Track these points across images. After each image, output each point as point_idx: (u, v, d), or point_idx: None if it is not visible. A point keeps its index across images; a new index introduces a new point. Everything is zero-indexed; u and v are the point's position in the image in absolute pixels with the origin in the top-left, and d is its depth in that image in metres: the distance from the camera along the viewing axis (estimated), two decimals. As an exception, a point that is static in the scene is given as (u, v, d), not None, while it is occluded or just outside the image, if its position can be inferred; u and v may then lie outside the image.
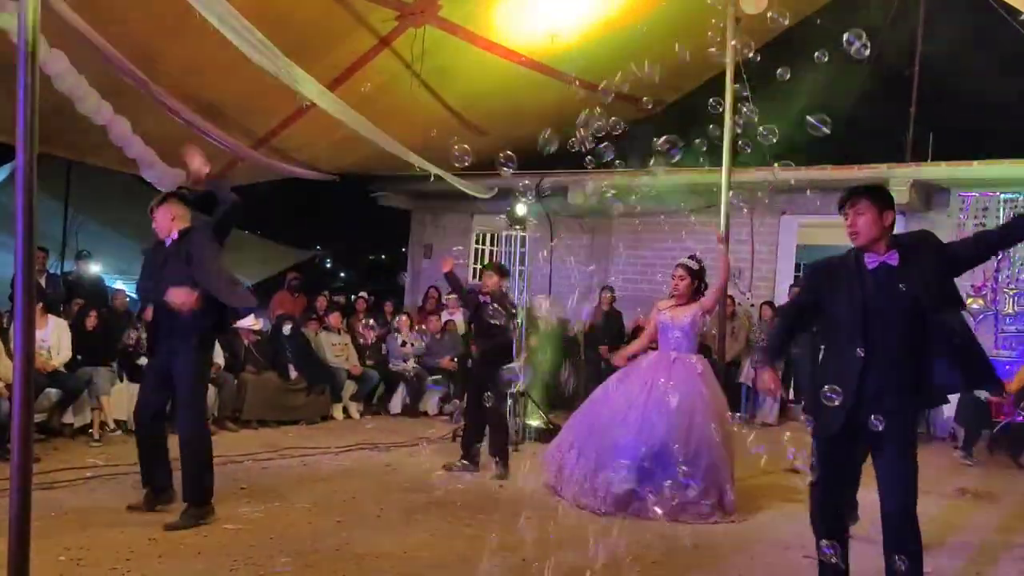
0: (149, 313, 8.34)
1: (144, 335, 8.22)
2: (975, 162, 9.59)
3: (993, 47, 9.26)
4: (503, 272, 7.40)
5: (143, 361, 8.07)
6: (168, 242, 5.24)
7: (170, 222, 5.25)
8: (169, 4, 6.76)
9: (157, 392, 5.27)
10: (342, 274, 23.92)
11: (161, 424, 5.30)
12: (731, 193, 7.34)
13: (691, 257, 6.34)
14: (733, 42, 7.21)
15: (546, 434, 8.05)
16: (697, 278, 6.18)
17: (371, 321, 10.53)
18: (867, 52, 4.65)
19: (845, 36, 4.65)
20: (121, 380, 7.93)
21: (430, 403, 10.24)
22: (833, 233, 13.20)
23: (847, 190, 3.78)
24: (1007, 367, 9.00)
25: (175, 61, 8.02)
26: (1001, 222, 9.74)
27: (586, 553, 4.81)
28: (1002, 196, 9.83)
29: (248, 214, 5.51)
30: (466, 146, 5.64)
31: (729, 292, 9.01)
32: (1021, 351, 9.55)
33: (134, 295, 9.18)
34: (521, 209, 9.41)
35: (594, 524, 5.29)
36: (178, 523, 4.91)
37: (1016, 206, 9.79)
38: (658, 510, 5.48)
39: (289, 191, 13.11)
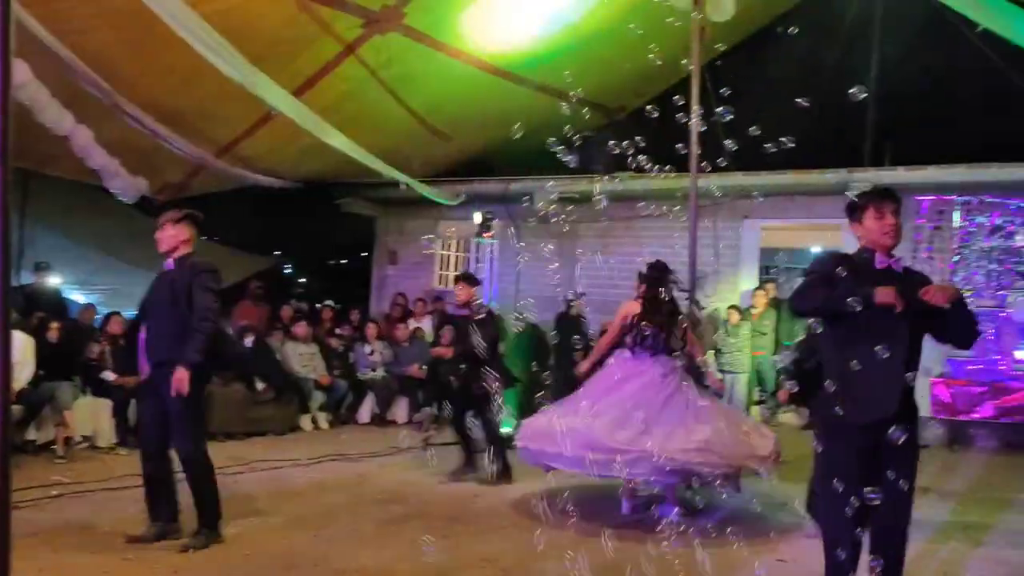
0: (115, 326, 8.21)
1: (108, 348, 8.10)
2: (931, 167, 9.82)
3: (950, 56, 9.50)
4: (474, 282, 7.37)
5: (108, 375, 7.94)
6: (167, 266, 5.02)
7: (177, 243, 4.99)
8: (133, 13, 6.65)
9: (156, 417, 4.97)
10: (302, 280, 23.70)
11: (167, 453, 5.00)
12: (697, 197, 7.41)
13: (653, 263, 6.32)
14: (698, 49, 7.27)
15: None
16: (644, 283, 6.16)
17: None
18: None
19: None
20: (84, 394, 7.78)
21: (399, 412, 10.19)
22: (794, 236, 13.52)
23: (883, 188, 3.73)
24: (966, 367, 9.24)
25: (138, 70, 7.90)
26: (956, 225, 10.06)
27: (566, 562, 4.83)
28: (958, 199, 10.07)
29: (209, 221, 5.36)
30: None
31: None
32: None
33: (102, 308, 9.03)
34: (488, 215, 9.42)
35: (574, 533, 5.30)
36: (193, 543, 4.80)
37: (971, 209, 10.05)
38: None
39: (251, 198, 12.96)
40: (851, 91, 4.63)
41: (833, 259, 3.75)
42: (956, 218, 10.06)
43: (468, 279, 7.32)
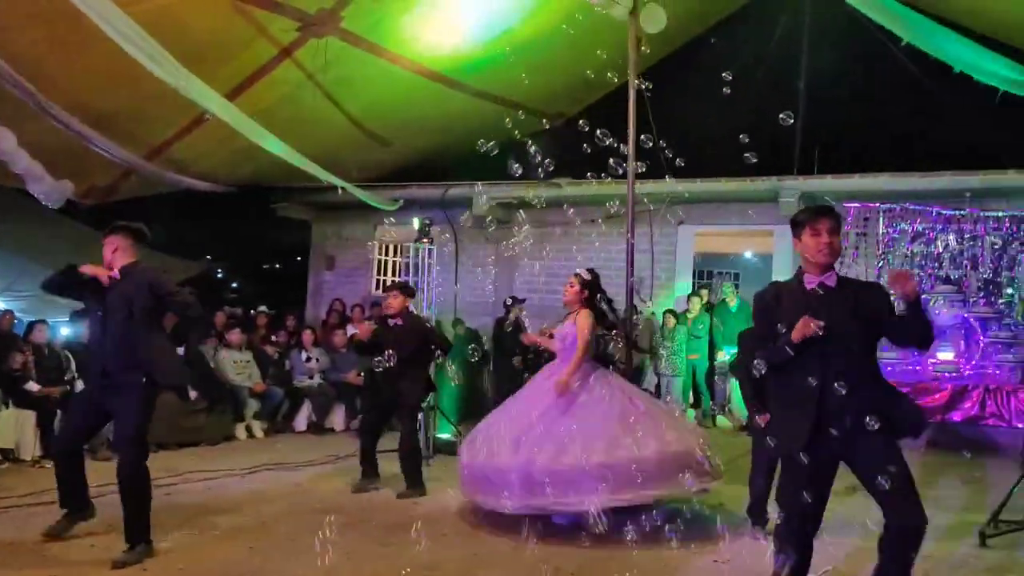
0: (39, 335, 7.94)
1: (32, 358, 7.84)
2: (857, 176, 10.15)
3: (876, 68, 9.84)
4: (409, 292, 7.32)
5: (32, 386, 7.67)
6: (114, 276, 4.95)
7: (111, 254, 4.96)
8: (58, 12, 6.44)
9: (88, 422, 5.12)
10: (234, 284, 23.26)
11: (82, 453, 5.12)
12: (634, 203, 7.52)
13: (588, 270, 6.38)
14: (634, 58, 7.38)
15: (456, 447, 8.05)
16: (587, 288, 6.20)
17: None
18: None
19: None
20: (7, 406, 7.49)
21: (336, 419, 10.08)
22: (727, 241, 13.80)
23: (819, 207, 3.84)
24: (888, 369, 9.55)
25: (64, 70, 7.65)
26: (881, 231, 10.42)
27: (509, 569, 4.85)
28: (881, 208, 10.43)
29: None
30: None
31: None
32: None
33: (20, 315, 8.72)
34: (426, 221, 9.37)
35: (515, 539, 5.31)
36: (126, 559, 4.70)
37: (894, 216, 10.41)
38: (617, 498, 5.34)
39: (182, 201, 12.68)
40: (780, 116, 4.81)
41: (768, 291, 3.94)
42: (880, 225, 10.41)
43: (404, 289, 7.26)
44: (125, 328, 4.84)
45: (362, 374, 10.07)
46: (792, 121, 4.76)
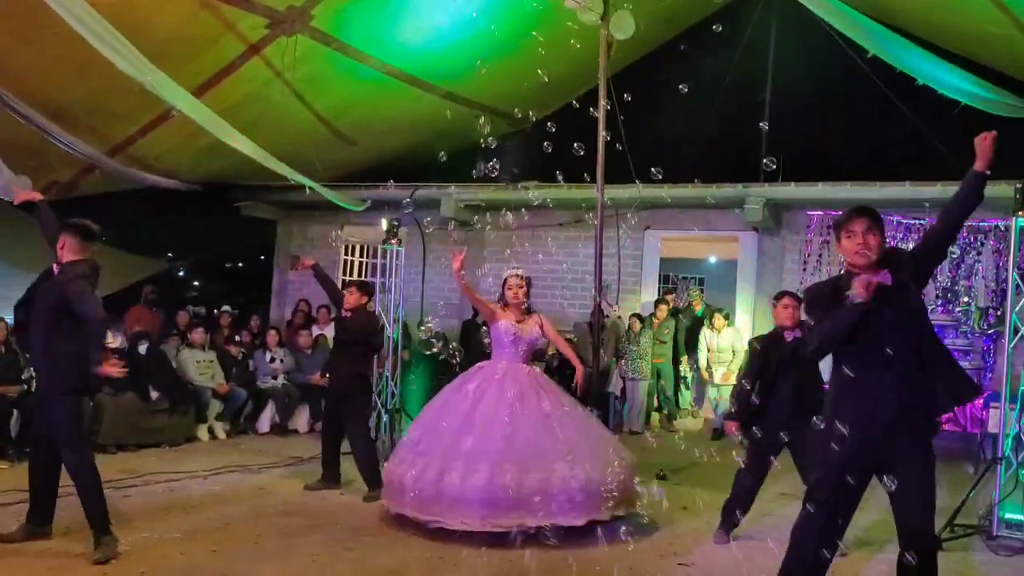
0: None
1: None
2: (820, 183, 10.31)
3: (841, 78, 10.01)
4: (366, 290, 7.30)
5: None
6: (54, 270, 4.94)
7: (60, 251, 4.95)
8: (18, 1, 6.32)
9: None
10: (196, 283, 22.96)
11: (54, 452, 4.95)
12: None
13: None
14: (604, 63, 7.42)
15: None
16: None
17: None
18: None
19: None
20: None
21: (300, 421, 9.98)
22: (692, 247, 13.91)
23: (855, 208, 3.65)
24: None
25: (25, 62, 7.49)
26: (844, 239, 10.59)
27: (474, 573, 4.84)
28: (844, 215, 10.59)
29: (99, 222, 5.24)
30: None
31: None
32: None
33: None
34: (394, 222, 9.32)
35: (483, 542, 5.30)
36: (101, 556, 4.69)
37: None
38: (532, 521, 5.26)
39: (144, 198, 12.47)
40: (760, 124, 4.86)
41: (825, 283, 3.87)
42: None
43: (361, 286, 7.26)
44: (37, 327, 4.90)
45: (327, 375, 9.98)
46: (766, 128, 4.83)
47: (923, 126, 9.65)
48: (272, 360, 10.15)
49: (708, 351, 10.56)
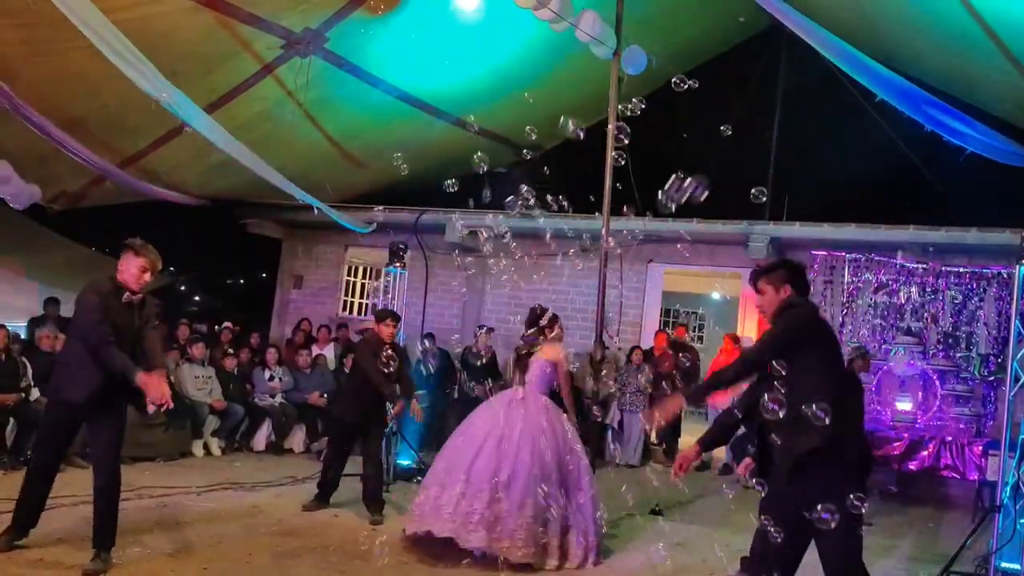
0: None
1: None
2: (825, 224, 10.34)
3: (848, 121, 10.08)
4: (399, 320, 7.35)
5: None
6: (126, 297, 4.83)
7: (140, 274, 4.82)
8: (37, 13, 6.38)
9: (69, 434, 5.15)
10: (197, 297, 23.00)
11: (58, 465, 5.09)
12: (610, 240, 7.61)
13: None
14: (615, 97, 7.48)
15: (417, 472, 8.01)
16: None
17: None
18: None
19: None
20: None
21: (295, 440, 9.94)
22: (695, 281, 13.94)
23: (754, 271, 4.02)
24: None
25: (41, 73, 7.56)
26: (846, 280, 10.61)
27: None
28: (848, 256, 10.62)
29: (104, 234, 5.27)
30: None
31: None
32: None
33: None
34: (399, 245, 9.34)
35: (470, 568, 5.26)
36: (92, 568, 4.71)
37: (859, 265, 10.60)
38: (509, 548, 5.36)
39: (150, 212, 12.55)
40: (752, 191, 4.99)
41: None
42: (846, 273, 10.60)
43: (396, 317, 7.23)
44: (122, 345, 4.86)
45: (324, 396, 9.97)
46: (764, 199, 4.95)
47: (928, 172, 9.71)
48: (271, 378, 10.13)
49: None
